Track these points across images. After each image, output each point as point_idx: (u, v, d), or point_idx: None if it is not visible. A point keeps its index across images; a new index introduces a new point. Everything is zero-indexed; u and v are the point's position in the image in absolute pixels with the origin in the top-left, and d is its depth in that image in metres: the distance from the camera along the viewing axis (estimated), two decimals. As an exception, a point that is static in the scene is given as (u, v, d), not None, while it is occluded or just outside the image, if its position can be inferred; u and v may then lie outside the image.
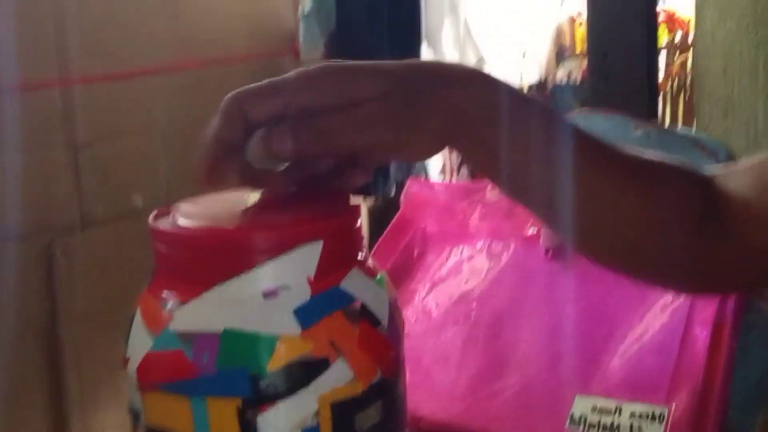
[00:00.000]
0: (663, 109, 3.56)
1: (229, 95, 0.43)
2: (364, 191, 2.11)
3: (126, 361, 0.43)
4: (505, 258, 0.78)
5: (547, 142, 0.48)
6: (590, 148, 0.50)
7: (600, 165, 0.50)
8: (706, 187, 0.52)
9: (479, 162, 0.48)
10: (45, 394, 1.24)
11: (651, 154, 0.52)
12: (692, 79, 3.39)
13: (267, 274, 0.41)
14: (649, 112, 1.22)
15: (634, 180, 0.50)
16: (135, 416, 0.43)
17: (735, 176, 0.53)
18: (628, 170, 0.51)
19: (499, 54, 3.24)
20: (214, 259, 0.42)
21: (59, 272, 1.63)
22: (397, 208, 0.90)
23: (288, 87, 0.43)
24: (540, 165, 0.48)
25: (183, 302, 0.41)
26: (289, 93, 0.43)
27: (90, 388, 1.44)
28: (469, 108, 0.45)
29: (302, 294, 0.41)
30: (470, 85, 0.46)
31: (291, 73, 0.43)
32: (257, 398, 0.40)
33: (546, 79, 3.86)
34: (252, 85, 0.43)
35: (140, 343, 0.42)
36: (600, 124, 0.83)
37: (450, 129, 0.45)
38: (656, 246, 0.51)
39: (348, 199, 0.47)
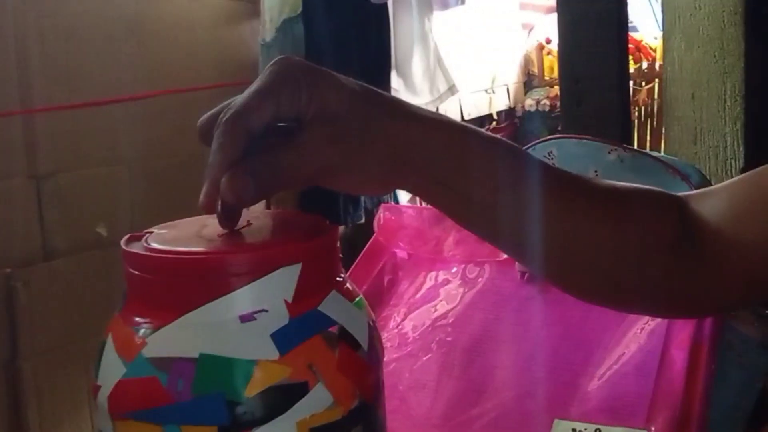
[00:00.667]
0: (630, 136, 3.61)
1: (230, 116, 0.43)
2: (334, 218, 2.10)
3: (96, 388, 0.42)
4: (480, 282, 0.79)
5: (514, 179, 0.48)
6: (559, 182, 0.50)
7: (570, 198, 0.50)
8: (680, 211, 0.52)
9: (437, 200, 0.48)
10: (5, 427, 1.21)
11: (622, 183, 0.52)
12: (659, 107, 3.45)
13: (244, 298, 0.40)
14: (622, 136, 1.24)
15: (605, 211, 0.50)
16: (106, 446, 0.42)
17: (707, 200, 0.53)
18: (599, 201, 0.51)
19: (469, 82, 3.28)
20: (189, 283, 0.41)
21: (20, 303, 1.60)
22: (368, 235, 0.90)
23: (273, 90, 0.43)
24: (507, 203, 0.48)
25: (157, 327, 0.41)
26: (276, 96, 0.43)
27: (50, 420, 1.41)
28: (421, 143, 0.46)
29: (280, 318, 0.41)
30: (427, 122, 0.46)
31: (265, 76, 0.44)
32: (234, 425, 0.39)
33: (515, 107, 3.91)
34: (242, 99, 0.43)
35: (112, 370, 0.41)
36: (573, 149, 0.84)
37: (397, 161, 0.45)
38: (631, 274, 0.51)
39: (325, 221, 0.47)
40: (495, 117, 3.83)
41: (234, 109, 0.43)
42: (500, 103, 3.81)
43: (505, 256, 0.79)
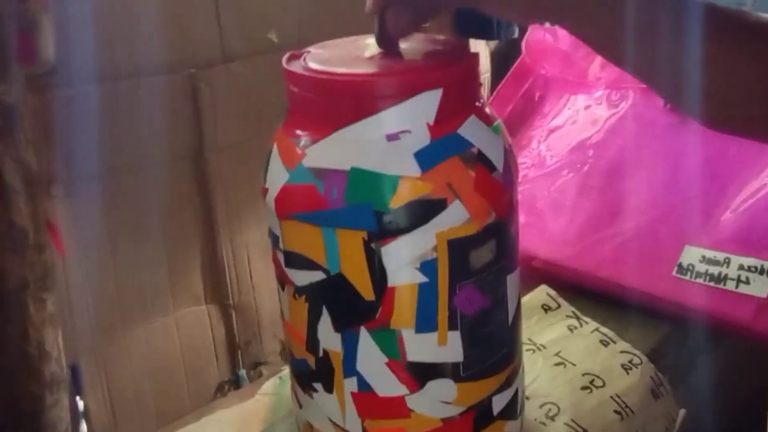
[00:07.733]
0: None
1: None
2: (487, 34, 2.03)
3: (265, 191, 0.46)
4: (623, 108, 0.76)
5: (660, 12, 0.45)
6: (706, 16, 0.47)
7: (717, 34, 0.47)
8: None
9: (587, 37, 0.46)
10: (197, 213, 1.33)
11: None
12: None
13: (389, 119, 0.42)
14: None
15: (750, 48, 0.47)
16: (274, 240, 0.47)
17: None
18: (745, 38, 0.47)
19: None
20: (340, 102, 0.43)
21: (203, 102, 1.68)
22: (519, 51, 0.88)
23: None
24: (655, 36, 0.45)
25: (314, 141, 0.43)
26: None
27: (234, 206, 1.53)
28: None
29: (422, 138, 0.42)
30: None
31: None
32: (381, 232, 0.42)
33: None
34: None
35: (277, 176, 0.44)
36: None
37: None
38: None
39: (467, 47, 0.47)
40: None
41: None
42: None
43: (653, 82, 0.75)
